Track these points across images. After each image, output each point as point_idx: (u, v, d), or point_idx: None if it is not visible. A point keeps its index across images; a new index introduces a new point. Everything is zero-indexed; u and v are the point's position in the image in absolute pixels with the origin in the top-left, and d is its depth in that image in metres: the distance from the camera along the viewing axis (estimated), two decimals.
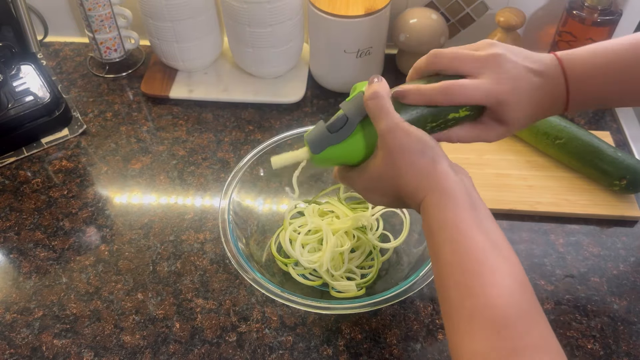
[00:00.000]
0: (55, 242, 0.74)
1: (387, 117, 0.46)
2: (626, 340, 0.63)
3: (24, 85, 0.86)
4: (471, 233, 0.41)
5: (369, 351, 0.63)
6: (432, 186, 0.44)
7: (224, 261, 0.71)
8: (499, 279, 0.39)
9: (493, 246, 0.41)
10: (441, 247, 0.42)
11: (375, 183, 0.48)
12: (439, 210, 0.43)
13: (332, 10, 0.81)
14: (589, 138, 0.77)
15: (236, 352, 0.63)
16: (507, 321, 0.37)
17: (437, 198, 0.43)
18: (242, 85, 0.93)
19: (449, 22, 0.97)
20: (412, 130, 0.45)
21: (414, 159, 0.45)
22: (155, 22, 0.87)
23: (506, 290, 0.39)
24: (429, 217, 0.44)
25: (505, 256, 0.41)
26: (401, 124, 0.45)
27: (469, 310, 0.39)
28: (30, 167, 0.83)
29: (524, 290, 0.40)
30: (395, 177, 0.46)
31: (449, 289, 0.41)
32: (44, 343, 0.64)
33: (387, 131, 0.46)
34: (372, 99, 0.47)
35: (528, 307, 0.39)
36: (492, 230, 0.42)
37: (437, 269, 0.43)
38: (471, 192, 0.44)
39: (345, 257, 0.67)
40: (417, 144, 0.45)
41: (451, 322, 0.40)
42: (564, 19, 0.88)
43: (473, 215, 0.42)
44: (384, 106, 0.46)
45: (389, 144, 0.46)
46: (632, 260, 0.71)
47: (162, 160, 0.84)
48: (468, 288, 0.39)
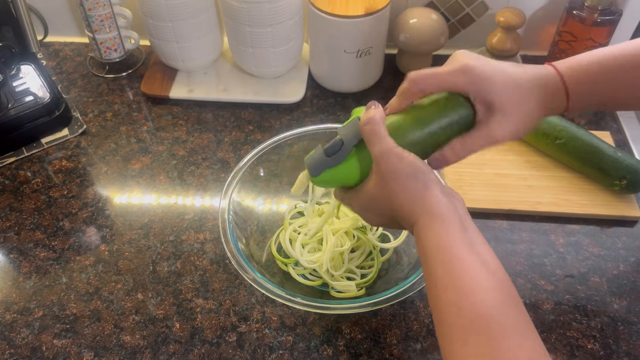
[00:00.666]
0: (55, 242, 0.74)
1: (380, 142, 0.47)
2: (626, 340, 0.63)
3: (24, 85, 0.86)
4: (462, 254, 0.43)
5: (369, 351, 0.63)
6: (424, 210, 0.45)
7: (224, 261, 0.71)
8: (489, 295, 0.40)
9: (483, 265, 0.42)
10: (433, 268, 0.43)
11: (370, 204, 0.50)
12: (431, 234, 0.44)
13: (332, 10, 0.81)
14: (589, 138, 0.77)
15: (236, 352, 0.63)
16: (499, 335, 0.39)
17: (429, 221, 0.45)
18: (242, 85, 0.93)
19: (449, 22, 0.97)
20: (405, 155, 0.47)
21: (406, 183, 0.46)
22: (155, 22, 0.87)
23: (498, 304, 0.40)
24: (421, 240, 0.45)
25: (495, 274, 0.42)
26: (394, 149, 0.47)
27: (462, 328, 0.40)
28: (30, 167, 0.83)
29: (515, 303, 0.41)
30: (389, 200, 0.48)
31: (442, 308, 0.42)
32: (44, 343, 0.64)
33: (380, 155, 0.47)
34: (367, 124, 0.49)
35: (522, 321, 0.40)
36: (481, 250, 0.44)
37: (430, 288, 0.44)
38: (462, 215, 0.46)
39: (345, 257, 0.67)
40: (410, 169, 0.46)
41: (445, 338, 0.41)
42: (564, 19, 0.88)
43: (463, 236, 0.44)
44: (378, 131, 0.48)
45: (382, 169, 0.47)
46: (632, 260, 0.71)
47: (162, 160, 0.84)
48: (460, 307, 0.41)
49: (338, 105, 0.91)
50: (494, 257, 0.44)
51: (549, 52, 0.94)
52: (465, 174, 0.79)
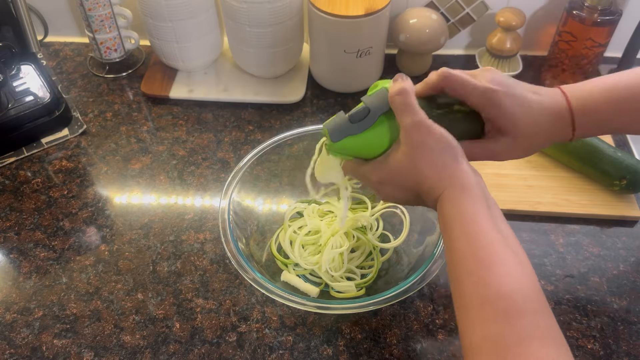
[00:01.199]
0: (55, 242, 0.74)
1: (412, 113, 0.47)
2: (626, 340, 0.63)
3: (24, 85, 0.86)
4: (486, 227, 0.43)
5: (369, 351, 0.63)
6: (452, 182, 0.46)
7: (224, 261, 0.71)
8: (511, 271, 0.41)
9: (504, 240, 0.43)
10: (456, 238, 0.44)
11: (393, 176, 0.50)
12: (457, 203, 0.45)
13: (332, 10, 0.81)
14: (589, 138, 0.77)
15: (236, 352, 0.63)
16: (517, 311, 0.39)
17: (456, 192, 0.45)
18: (242, 85, 0.93)
19: (449, 22, 0.97)
20: (436, 128, 0.47)
21: (435, 156, 0.47)
22: (155, 22, 0.87)
23: (517, 283, 0.40)
24: (446, 210, 0.46)
25: (516, 252, 0.43)
26: (426, 121, 0.47)
27: (480, 298, 0.40)
28: (30, 167, 0.83)
29: (533, 284, 0.41)
30: (415, 171, 0.48)
31: (462, 277, 0.42)
32: (44, 343, 0.64)
33: (411, 127, 0.47)
34: (399, 95, 0.48)
35: (537, 299, 0.40)
36: (504, 226, 0.45)
37: (451, 259, 0.44)
38: (487, 194, 0.46)
39: (344, 257, 0.67)
40: (440, 142, 0.47)
41: (463, 308, 0.42)
42: (564, 19, 0.88)
43: (488, 212, 0.44)
44: (410, 102, 0.48)
45: (413, 139, 0.47)
46: (632, 260, 0.71)
47: (162, 160, 0.84)
48: (481, 278, 0.41)
49: (338, 105, 0.91)
50: (514, 235, 0.44)
51: (549, 52, 0.94)
52: None
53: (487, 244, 0.42)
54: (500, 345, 0.38)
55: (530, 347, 0.38)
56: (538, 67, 0.98)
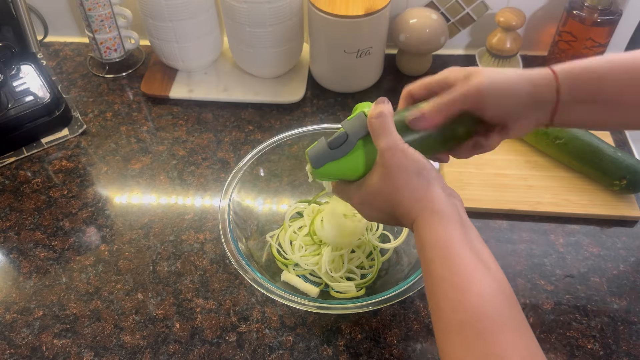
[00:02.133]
0: (55, 242, 0.74)
1: (388, 136, 0.48)
2: (626, 340, 0.63)
3: (24, 85, 0.86)
4: (460, 250, 0.43)
5: (369, 351, 0.63)
6: (425, 207, 0.46)
7: (224, 261, 0.71)
8: (486, 292, 0.41)
9: (480, 262, 0.43)
10: (432, 263, 0.44)
11: (371, 198, 0.50)
12: (431, 229, 0.45)
13: (332, 10, 0.81)
14: (589, 138, 0.77)
15: (236, 352, 0.63)
16: (496, 330, 0.39)
17: (429, 218, 0.46)
18: (242, 85, 0.93)
19: (449, 22, 0.97)
20: (410, 152, 0.48)
21: (409, 179, 0.47)
22: (155, 22, 0.87)
23: (495, 302, 0.41)
24: (421, 236, 0.46)
25: (491, 271, 0.43)
26: (401, 144, 0.48)
27: (459, 323, 0.41)
28: (30, 167, 0.83)
29: (511, 303, 0.42)
30: (391, 194, 0.48)
31: (440, 302, 0.43)
32: (44, 343, 0.64)
33: (386, 149, 0.48)
34: (376, 118, 0.49)
35: (517, 320, 0.41)
36: (479, 248, 0.44)
37: (429, 284, 0.45)
38: (461, 214, 0.46)
39: (345, 258, 0.67)
40: (414, 165, 0.47)
41: (442, 333, 0.42)
42: (564, 19, 0.88)
43: (462, 233, 0.45)
44: (386, 125, 0.48)
45: (387, 162, 0.48)
46: (632, 260, 0.71)
47: (162, 160, 0.84)
48: (458, 302, 0.41)
49: (338, 105, 0.91)
50: (491, 257, 0.44)
51: (549, 52, 0.94)
52: (465, 174, 0.79)
53: (462, 267, 0.42)
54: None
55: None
56: (538, 67, 0.98)
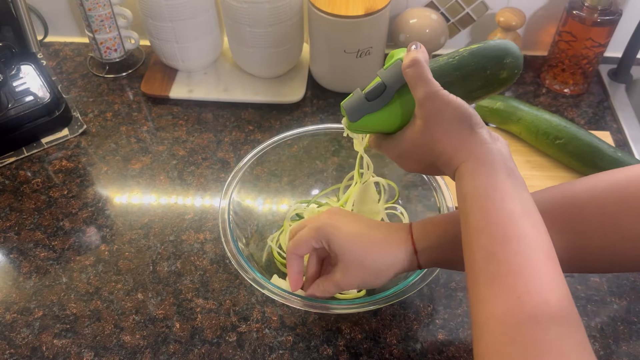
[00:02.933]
0: (55, 242, 0.74)
1: (425, 85, 0.46)
2: (626, 340, 0.63)
3: (24, 85, 0.86)
4: (501, 200, 0.42)
5: (369, 351, 0.63)
6: (469, 154, 0.44)
7: (224, 261, 0.71)
8: (523, 248, 0.39)
9: (524, 214, 0.41)
10: (471, 213, 0.43)
11: (411, 150, 0.49)
12: (474, 178, 0.43)
13: (332, 10, 0.81)
14: (589, 138, 0.77)
15: (236, 352, 0.63)
16: (527, 288, 0.38)
17: (473, 166, 0.44)
18: (242, 85, 0.93)
19: (449, 22, 0.97)
20: (451, 99, 0.45)
21: (451, 127, 0.45)
22: (155, 22, 0.87)
23: (530, 260, 0.39)
24: (462, 184, 0.44)
25: (534, 225, 0.41)
26: (440, 92, 0.45)
27: (491, 275, 0.39)
28: (30, 167, 0.83)
29: (548, 261, 0.40)
30: (432, 145, 0.46)
31: (474, 252, 0.41)
32: (44, 343, 0.64)
33: (425, 99, 0.46)
34: (410, 67, 0.47)
35: (550, 277, 0.39)
36: (525, 198, 0.43)
37: (465, 234, 0.43)
38: (507, 161, 0.44)
39: None
40: (456, 112, 0.45)
41: (474, 285, 0.41)
42: (564, 19, 0.88)
43: (507, 182, 0.43)
44: (422, 74, 0.46)
45: (427, 112, 0.46)
46: None
47: (162, 160, 0.84)
48: (492, 254, 0.40)
49: (338, 105, 0.91)
50: (535, 207, 0.43)
51: (549, 52, 0.94)
52: None
53: (501, 219, 0.41)
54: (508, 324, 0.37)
55: (538, 327, 0.36)
56: (538, 67, 0.98)
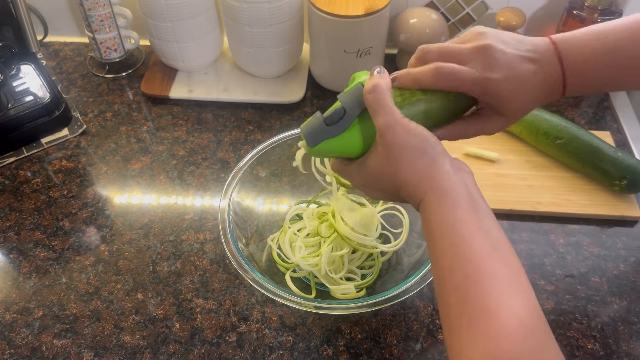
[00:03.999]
0: (55, 242, 0.74)
1: (386, 113, 0.44)
2: (626, 340, 0.63)
3: (24, 85, 0.86)
4: (470, 236, 0.40)
5: (369, 351, 0.63)
6: (432, 186, 0.43)
7: (224, 261, 0.71)
8: (497, 285, 0.38)
9: (493, 248, 0.39)
10: (440, 250, 0.41)
11: (374, 179, 0.47)
12: (438, 212, 0.42)
13: (332, 10, 0.81)
14: (589, 138, 0.77)
15: (236, 352, 0.63)
16: (506, 330, 0.36)
17: (436, 199, 0.42)
18: (242, 85, 0.93)
19: (449, 22, 0.97)
20: (412, 127, 0.44)
21: (413, 158, 0.43)
22: (155, 22, 0.87)
23: (505, 297, 0.37)
24: (428, 219, 0.43)
25: (505, 258, 0.40)
26: (401, 120, 0.44)
27: (467, 317, 0.38)
28: (30, 167, 0.83)
29: (524, 295, 0.38)
30: (395, 175, 0.45)
31: (448, 294, 0.39)
32: (44, 343, 0.64)
33: (386, 128, 0.44)
34: (371, 93, 0.45)
35: (529, 316, 0.37)
36: (492, 230, 0.41)
37: (437, 273, 0.41)
38: (472, 192, 0.43)
39: (345, 259, 0.67)
40: (417, 142, 0.44)
41: (450, 327, 0.39)
42: (564, 19, 0.88)
43: (473, 216, 0.41)
44: (383, 100, 0.44)
45: (388, 141, 0.44)
46: (632, 261, 0.71)
47: (162, 160, 0.84)
48: (467, 293, 0.38)
49: None
50: (504, 238, 0.41)
51: None
52: None
53: (472, 255, 0.39)
54: None
55: None
56: None
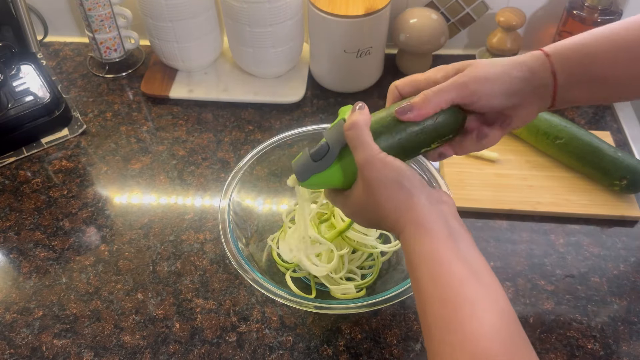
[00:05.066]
0: (55, 242, 0.74)
1: (364, 149, 0.46)
2: (626, 340, 0.63)
3: (24, 85, 0.86)
4: (449, 265, 0.41)
5: (369, 351, 0.63)
6: (410, 219, 0.44)
7: (224, 261, 0.71)
8: (479, 312, 0.38)
9: (473, 275, 0.40)
10: (421, 280, 0.42)
11: (358, 210, 0.49)
12: (417, 244, 0.43)
13: (332, 10, 0.81)
14: (589, 138, 0.77)
15: (236, 352, 0.63)
16: (488, 355, 0.36)
17: (415, 231, 0.43)
18: (242, 85, 0.93)
19: (449, 22, 0.97)
20: (389, 161, 0.45)
21: (391, 192, 0.45)
22: (155, 22, 0.87)
23: (487, 324, 0.38)
24: (407, 250, 0.44)
25: (486, 284, 0.40)
26: (378, 155, 0.45)
27: (450, 346, 0.38)
28: (30, 167, 0.83)
29: (507, 320, 0.39)
30: (375, 208, 0.46)
31: (431, 323, 0.40)
32: (44, 343, 0.64)
33: (365, 162, 0.46)
34: (350, 129, 0.47)
35: (511, 339, 0.38)
36: (472, 258, 0.42)
37: (419, 302, 0.42)
38: (450, 222, 0.44)
39: (345, 259, 0.67)
40: (394, 175, 0.45)
41: (435, 355, 0.39)
42: (564, 19, 0.88)
43: (451, 245, 0.42)
44: (361, 136, 0.46)
45: (366, 176, 0.46)
46: (632, 260, 0.71)
47: (162, 160, 0.84)
48: (449, 323, 0.39)
49: (338, 105, 0.91)
50: (484, 264, 0.42)
51: None
52: (466, 174, 0.79)
53: (451, 284, 0.40)
54: None
55: None
56: None
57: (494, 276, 0.42)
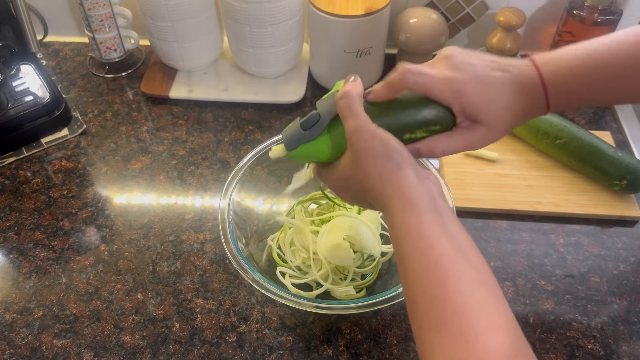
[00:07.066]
0: (55, 242, 0.74)
1: (354, 118, 0.45)
2: (626, 340, 0.63)
3: (24, 85, 0.86)
4: (435, 239, 0.40)
5: (369, 351, 0.63)
6: (395, 192, 0.43)
7: (224, 261, 0.71)
8: (464, 287, 0.38)
9: (458, 251, 0.40)
10: (406, 255, 0.41)
11: (344, 182, 0.48)
12: (402, 217, 0.42)
13: (332, 10, 0.81)
14: (589, 138, 0.77)
15: (236, 352, 0.63)
16: (475, 331, 0.36)
17: (400, 205, 0.43)
18: (242, 85, 0.93)
19: (449, 22, 0.97)
20: (379, 133, 0.45)
21: (378, 163, 0.44)
22: (155, 22, 0.87)
23: (472, 299, 0.38)
24: (392, 224, 0.43)
25: (471, 260, 0.40)
26: (367, 125, 0.45)
27: (436, 320, 0.38)
28: (30, 167, 0.83)
29: (492, 295, 0.39)
30: (362, 179, 0.46)
31: (416, 297, 0.40)
32: (44, 343, 0.64)
33: (353, 132, 0.45)
34: (342, 99, 0.46)
35: (496, 314, 0.38)
36: (457, 234, 0.41)
37: (404, 277, 0.42)
38: (435, 198, 0.43)
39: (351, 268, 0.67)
40: (382, 147, 0.44)
41: (419, 331, 0.39)
42: (564, 19, 0.88)
43: (437, 220, 0.41)
44: (352, 106, 0.46)
45: (355, 145, 0.45)
46: (632, 260, 0.71)
47: (162, 160, 0.84)
48: (434, 297, 0.38)
49: None
50: (470, 242, 0.41)
51: None
52: (466, 174, 0.79)
53: (437, 258, 0.39)
54: None
55: None
56: None
57: (480, 254, 0.41)
